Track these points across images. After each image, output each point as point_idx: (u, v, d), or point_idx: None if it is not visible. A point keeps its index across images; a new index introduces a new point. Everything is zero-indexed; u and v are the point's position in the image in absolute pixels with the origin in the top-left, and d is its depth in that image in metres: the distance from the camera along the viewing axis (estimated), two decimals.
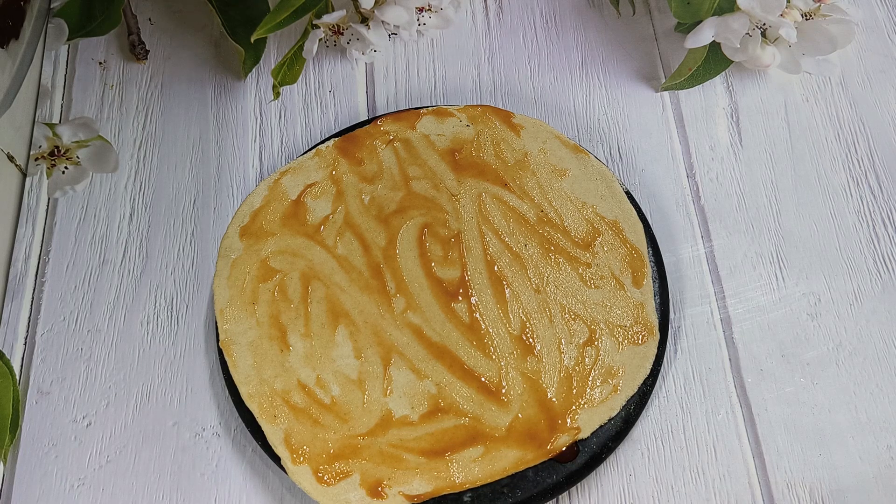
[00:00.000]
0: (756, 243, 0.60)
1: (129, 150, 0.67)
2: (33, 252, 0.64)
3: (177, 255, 0.63)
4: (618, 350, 0.54)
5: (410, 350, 0.55)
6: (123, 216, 0.65)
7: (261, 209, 0.60)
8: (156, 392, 0.58)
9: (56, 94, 0.70)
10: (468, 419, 0.53)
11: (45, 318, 0.61)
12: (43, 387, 0.59)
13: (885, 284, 0.58)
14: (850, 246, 0.60)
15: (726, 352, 0.57)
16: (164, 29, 0.73)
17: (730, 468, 0.54)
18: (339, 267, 0.58)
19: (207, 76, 0.70)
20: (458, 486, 0.51)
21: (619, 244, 0.57)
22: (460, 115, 0.62)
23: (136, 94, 0.70)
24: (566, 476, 0.52)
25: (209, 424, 0.57)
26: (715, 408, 0.55)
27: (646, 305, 0.55)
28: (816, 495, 0.53)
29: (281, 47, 0.71)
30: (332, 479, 0.51)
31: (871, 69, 0.66)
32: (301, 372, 0.55)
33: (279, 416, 0.53)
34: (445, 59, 0.69)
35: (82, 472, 0.56)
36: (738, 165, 0.63)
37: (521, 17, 0.71)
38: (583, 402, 0.53)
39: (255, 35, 0.66)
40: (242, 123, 0.68)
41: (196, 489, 0.55)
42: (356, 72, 0.69)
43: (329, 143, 0.62)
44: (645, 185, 0.63)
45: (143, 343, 0.60)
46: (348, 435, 0.53)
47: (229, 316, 0.56)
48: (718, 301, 0.59)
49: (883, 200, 0.61)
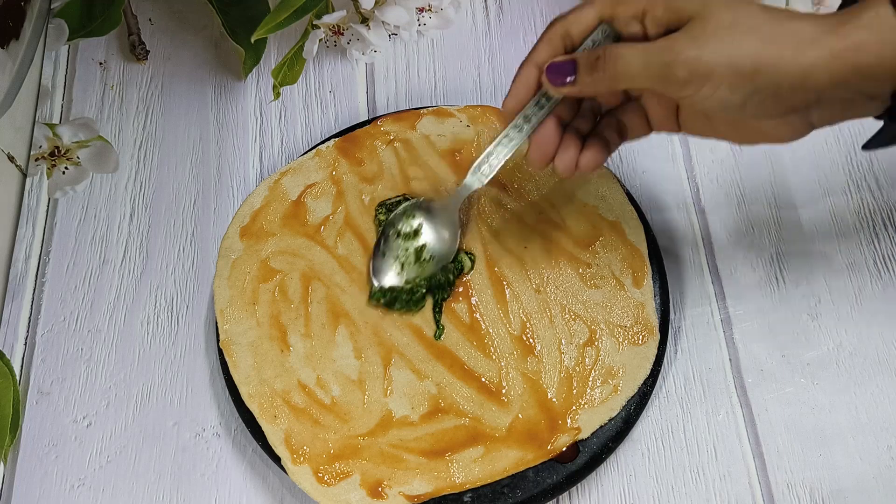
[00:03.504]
0: (756, 243, 0.60)
1: (130, 151, 0.67)
2: (33, 252, 0.64)
3: (177, 256, 0.63)
4: (618, 350, 0.54)
5: (411, 350, 0.55)
6: (124, 216, 0.65)
7: (261, 209, 0.60)
8: (156, 392, 0.58)
9: (56, 94, 0.70)
10: (468, 419, 0.53)
11: (46, 319, 0.61)
12: (43, 387, 0.59)
13: (886, 285, 0.58)
14: (851, 246, 0.60)
15: (726, 352, 0.57)
16: (164, 29, 0.73)
17: (730, 468, 0.54)
18: (340, 267, 0.58)
19: (208, 76, 0.70)
20: (459, 486, 0.51)
21: (620, 244, 0.57)
22: (460, 115, 0.62)
23: (137, 95, 0.70)
24: (566, 476, 0.52)
25: (209, 425, 0.57)
26: (715, 408, 0.55)
27: (646, 306, 0.55)
28: (816, 495, 0.53)
29: (281, 48, 0.71)
30: (332, 479, 0.51)
31: None
32: (301, 372, 0.55)
33: (279, 416, 0.53)
34: (446, 60, 0.69)
35: (82, 473, 0.56)
36: (738, 166, 0.63)
37: (522, 18, 0.71)
38: (583, 402, 0.53)
39: (256, 35, 0.66)
40: (243, 124, 0.68)
41: (196, 489, 0.55)
42: (356, 72, 0.69)
43: (329, 143, 0.62)
44: (645, 186, 0.63)
45: (144, 343, 0.60)
46: (348, 435, 0.53)
47: (229, 316, 0.56)
48: (718, 301, 0.59)
49: (883, 201, 0.61)
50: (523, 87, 0.47)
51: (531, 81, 0.46)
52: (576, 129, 0.48)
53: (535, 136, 0.48)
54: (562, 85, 0.45)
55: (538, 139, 0.47)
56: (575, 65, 0.44)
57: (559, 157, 0.47)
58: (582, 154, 0.47)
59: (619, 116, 0.49)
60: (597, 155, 0.47)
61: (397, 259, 0.56)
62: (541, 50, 0.46)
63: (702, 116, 0.46)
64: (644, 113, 0.48)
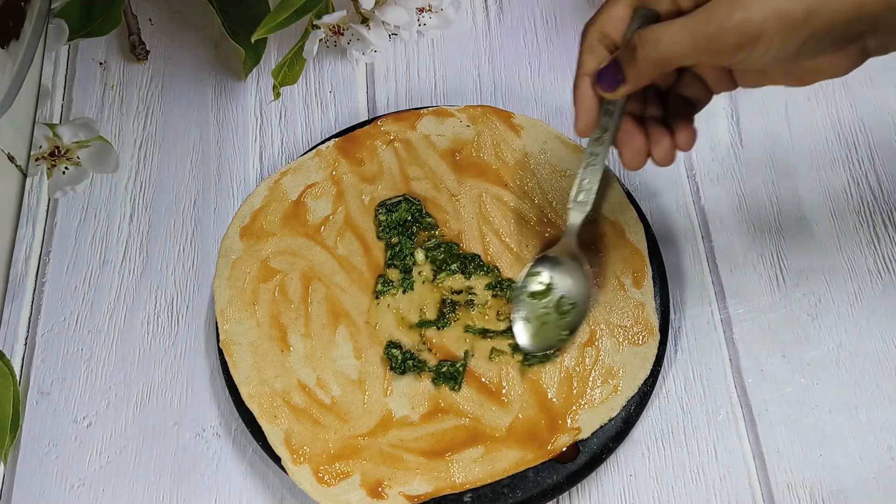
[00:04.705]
0: (756, 243, 0.60)
1: (130, 151, 0.67)
2: (34, 252, 0.64)
3: (177, 256, 0.63)
4: (618, 350, 0.54)
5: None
6: (124, 216, 0.65)
7: (261, 209, 0.60)
8: (156, 392, 0.58)
9: (56, 94, 0.70)
10: (468, 419, 0.53)
11: (46, 319, 0.61)
12: (43, 387, 0.59)
13: (886, 285, 0.58)
14: (851, 246, 0.60)
15: (727, 352, 0.57)
16: (164, 29, 0.73)
17: (730, 468, 0.54)
18: (340, 267, 0.58)
19: (208, 76, 0.70)
20: (459, 486, 0.51)
21: (620, 244, 0.57)
22: (460, 115, 0.62)
23: (137, 95, 0.70)
24: (566, 476, 0.52)
25: (209, 425, 0.57)
26: (715, 408, 0.55)
27: (646, 306, 0.55)
28: (817, 496, 0.53)
29: (281, 48, 0.71)
30: (332, 479, 0.51)
31: (871, 69, 0.66)
32: (301, 372, 0.55)
33: (279, 416, 0.53)
34: (446, 60, 0.69)
35: (82, 473, 0.56)
36: (738, 165, 0.63)
37: (522, 18, 0.71)
38: (583, 402, 0.53)
39: (256, 35, 0.66)
40: (243, 124, 0.68)
41: (196, 489, 0.55)
42: (356, 72, 0.69)
43: (329, 143, 0.62)
44: (645, 186, 0.63)
45: (144, 343, 0.60)
46: (349, 435, 0.53)
47: (230, 316, 0.56)
48: (719, 301, 0.59)
49: (883, 201, 0.61)
50: (586, 102, 0.46)
51: (591, 95, 0.45)
52: (653, 119, 0.47)
53: (620, 142, 0.47)
54: (616, 88, 0.44)
55: (626, 144, 0.47)
56: (618, 64, 0.43)
57: (656, 150, 0.47)
58: (676, 137, 0.47)
59: (680, 91, 0.48)
60: (689, 133, 0.47)
61: (538, 318, 0.54)
62: (586, 61, 0.45)
63: (756, 71, 0.44)
64: (701, 80, 0.47)
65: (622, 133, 0.47)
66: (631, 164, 0.47)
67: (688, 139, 0.47)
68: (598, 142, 0.47)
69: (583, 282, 0.54)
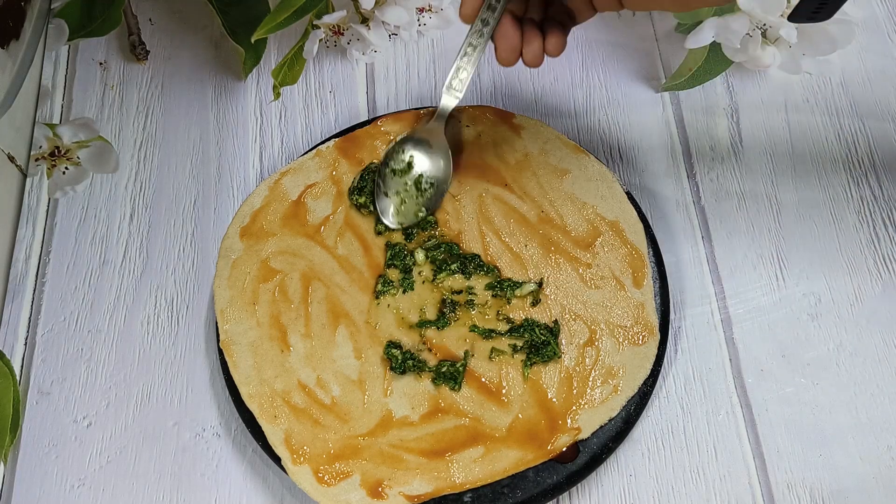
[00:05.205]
0: (756, 243, 0.60)
1: (130, 151, 0.67)
2: (34, 252, 0.64)
3: (177, 256, 0.63)
4: (618, 350, 0.54)
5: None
6: (124, 216, 0.65)
7: (261, 209, 0.60)
8: (156, 392, 0.58)
9: (56, 94, 0.70)
10: (468, 419, 0.53)
11: (46, 319, 0.61)
12: (43, 387, 0.59)
13: (886, 285, 0.58)
14: (851, 246, 0.60)
15: (727, 352, 0.57)
16: (164, 29, 0.73)
17: (730, 468, 0.54)
18: (340, 267, 0.58)
19: (208, 77, 0.70)
20: (459, 486, 0.51)
21: (620, 244, 0.57)
22: (460, 115, 0.62)
23: (137, 95, 0.70)
24: (566, 476, 0.52)
25: (209, 425, 0.57)
26: (715, 408, 0.55)
27: (646, 306, 0.55)
28: (817, 495, 0.53)
29: (281, 48, 0.71)
30: (332, 479, 0.51)
31: (871, 69, 0.66)
32: (301, 372, 0.55)
33: (279, 416, 0.53)
34: (446, 60, 0.69)
35: (82, 473, 0.56)
36: (738, 165, 0.63)
37: None
38: (583, 402, 0.53)
39: (256, 35, 0.66)
40: (243, 124, 0.68)
41: (196, 489, 0.55)
42: (356, 72, 0.69)
43: (329, 143, 0.62)
44: (645, 186, 0.63)
45: (144, 343, 0.60)
46: (349, 435, 0.53)
47: (230, 316, 0.56)
48: (719, 301, 0.59)
49: (883, 200, 0.61)
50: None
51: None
52: (531, 21, 0.50)
53: (497, 36, 0.50)
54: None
55: (502, 38, 0.50)
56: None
57: (526, 49, 0.50)
58: (546, 41, 0.50)
59: (565, 2, 0.51)
60: (559, 40, 0.50)
61: (398, 195, 0.57)
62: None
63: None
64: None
65: (500, 28, 0.50)
66: (505, 60, 0.50)
67: (557, 45, 0.50)
68: (478, 34, 0.51)
69: (444, 164, 0.58)
